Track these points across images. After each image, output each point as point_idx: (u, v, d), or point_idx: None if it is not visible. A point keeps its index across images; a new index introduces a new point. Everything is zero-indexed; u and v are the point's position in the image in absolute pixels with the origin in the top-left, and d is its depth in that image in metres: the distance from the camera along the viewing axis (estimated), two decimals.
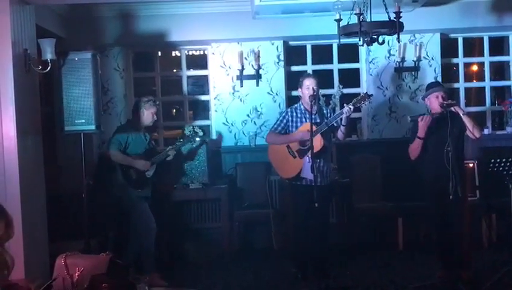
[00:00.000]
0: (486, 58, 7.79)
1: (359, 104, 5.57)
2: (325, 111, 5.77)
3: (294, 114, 5.71)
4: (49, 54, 4.98)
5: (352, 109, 5.44)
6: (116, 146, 5.75)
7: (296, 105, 5.79)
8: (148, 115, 5.90)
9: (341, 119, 5.49)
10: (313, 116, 5.37)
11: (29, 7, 5.13)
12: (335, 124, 5.54)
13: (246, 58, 7.27)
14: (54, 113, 6.34)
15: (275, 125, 5.80)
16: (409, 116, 5.62)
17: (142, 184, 5.86)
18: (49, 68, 5.00)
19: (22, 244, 4.70)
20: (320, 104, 5.90)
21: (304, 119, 5.64)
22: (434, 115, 5.37)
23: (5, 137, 4.73)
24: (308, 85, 5.56)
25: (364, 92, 5.83)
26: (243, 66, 7.21)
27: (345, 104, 5.54)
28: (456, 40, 7.69)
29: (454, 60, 7.79)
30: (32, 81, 5.14)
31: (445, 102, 5.24)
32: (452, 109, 5.18)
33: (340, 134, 5.65)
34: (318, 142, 5.41)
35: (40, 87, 5.47)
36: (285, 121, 5.74)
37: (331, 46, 7.61)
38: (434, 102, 5.40)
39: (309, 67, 7.59)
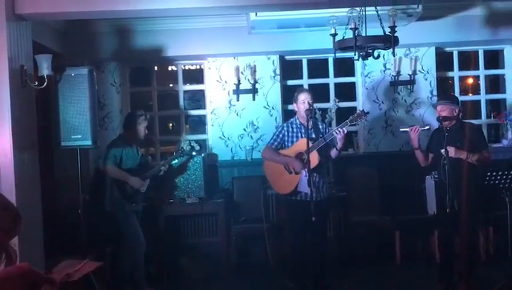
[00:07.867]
0: (482, 72, 7.82)
1: (355, 121, 5.53)
2: (320, 126, 5.71)
3: (290, 129, 5.65)
4: (45, 70, 4.99)
5: (344, 131, 5.37)
6: (112, 161, 5.77)
7: (292, 119, 5.73)
8: (140, 129, 5.93)
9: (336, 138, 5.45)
10: (308, 132, 5.37)
11: (25, 23, 5.13)
12: (329, 142, 5.49)
13: (242, 73, 7.30)
14: (51, 129, 6.33)
15: (271, 140, 5.72)
16: (400, 127, 5.69)
17: (136, 199, 5.91)
18: (45, 84, 5.00)
19: (18, 260, 4.66)
20: (317, 118, 5.86)
21: (299, 134, 5.58)
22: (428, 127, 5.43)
23: (2, 152, 4.72)
24: (304, 99, 5.51)
25: (361, 110, 5.72)
26: (239, 81, 7.23)
27: (334, 128, 5.50)
28: (451, 53, 7.72)
29: (450, 74, 7.82)
30: (28, 96, 5.14)
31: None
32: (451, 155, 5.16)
33: (333, 152, 5.55)
34: (315, 158, 5.38)
35: (37, 103, 5.46)
36: (281, 135, 5.67)
37: (326, 60, 7.63)
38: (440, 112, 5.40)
39: (305, 82, 7.60)
